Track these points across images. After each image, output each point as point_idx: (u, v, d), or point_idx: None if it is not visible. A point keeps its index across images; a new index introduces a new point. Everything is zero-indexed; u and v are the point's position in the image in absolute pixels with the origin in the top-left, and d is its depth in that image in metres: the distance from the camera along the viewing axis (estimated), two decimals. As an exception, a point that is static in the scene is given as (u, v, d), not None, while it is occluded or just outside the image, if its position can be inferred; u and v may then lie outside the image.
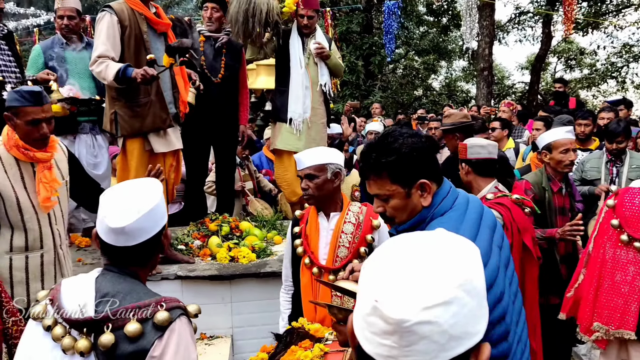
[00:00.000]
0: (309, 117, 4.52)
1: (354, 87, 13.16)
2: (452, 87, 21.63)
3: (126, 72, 3.28)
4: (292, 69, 4.50)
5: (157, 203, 1.57)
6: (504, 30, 19.10)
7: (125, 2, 3.49)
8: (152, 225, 1.56)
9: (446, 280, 0.79)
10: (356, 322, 0.84)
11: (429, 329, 0.76)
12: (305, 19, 4.39)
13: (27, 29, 11.60)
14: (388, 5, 10.60)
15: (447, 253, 0.84)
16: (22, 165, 2.63)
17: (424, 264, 0.81)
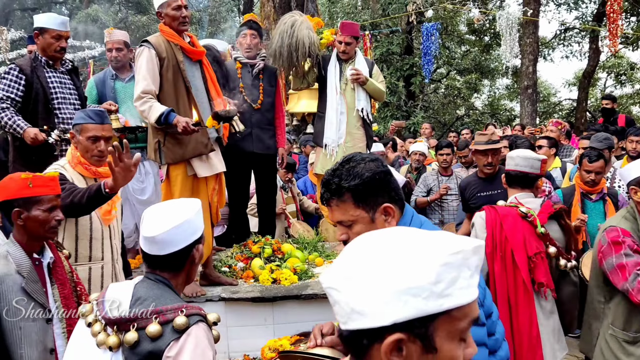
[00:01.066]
0: (345, 142, 4.54)
1: (395, 108, 13.19)
2: (495, 106, 21.32)
3: (168, 118, 3.45)
4: (328, 95, 4.57)
5: (188, 218, 1.72)
6: (549, 46, 18.76)
7: (162, 34, 3.68)
8: (181, 238, 1.72)
9: (359, 260, 0.89)
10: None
11: (335, 295, 0.90)
12: (343, 45, 4.45)
13: (82, 60, 12.24)
14: (426, 27, 10.64)
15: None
16: (87, 180, 2.88)
17: (364, 251, 0.90)
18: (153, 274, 1.76)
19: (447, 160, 5.53)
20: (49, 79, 3.84)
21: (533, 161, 2.99)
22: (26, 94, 3.76)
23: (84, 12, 20.50)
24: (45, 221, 2.23)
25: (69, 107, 3.85)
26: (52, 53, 3.84)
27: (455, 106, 19.66)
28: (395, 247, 0.89)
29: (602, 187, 4.19)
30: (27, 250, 2.23)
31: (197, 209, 1.78)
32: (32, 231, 2.23)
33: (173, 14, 3.64)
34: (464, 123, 18.58)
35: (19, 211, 2.20)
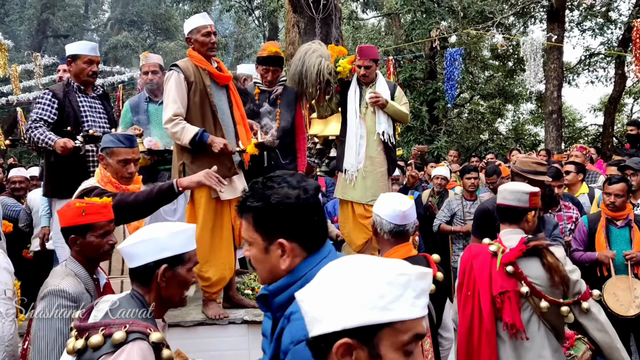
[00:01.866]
0: (365, 167, 4.51)
1: (419, 132, 13.20)
2: (519, 131, 21.15)
3: (203, 138, 3.54)
4: (348, 119, 4.57)
5: (155, 236, 1.82)
6: (574, 72, 18.64)
7: (190, 59, 3.79)
8: (143, 253, 1.82)
9: (325, 278, 1.06)
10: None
11: (304, 306, 1.07)
12: (362, 69, 4.46)
13: (112, 85, 12.60)
14: (450, 52, 10.70)
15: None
16: None
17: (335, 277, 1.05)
18: (132, 288, 1.88)
19: (474, 184, 5.48)
20: (80, 104, 3.98)
21: (520, 194, 2.82)
22: (58, 117, 3.90)
23: (114, 38, 21.15)
24: (99, 246, 2.37)
25: (99, 130, 3.96)
26: (85, 78, 3.99)
27: (479, 131, 19.57)
28: (354, 268, 1.05)
29: (628, 213, 4.10)
30: (87, 271, 2.39)
31: (173, 231, 1.85)
32: (88, 255, 2.37)
33: (202, 39, 3.75)
34: (487, 148, 18.45)
35: (75, 237, 2.34)
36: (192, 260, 1.91)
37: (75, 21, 23.59)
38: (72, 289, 2.22)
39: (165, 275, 1.83)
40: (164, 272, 1.82)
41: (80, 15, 24.69)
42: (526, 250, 2.66)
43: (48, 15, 22.28)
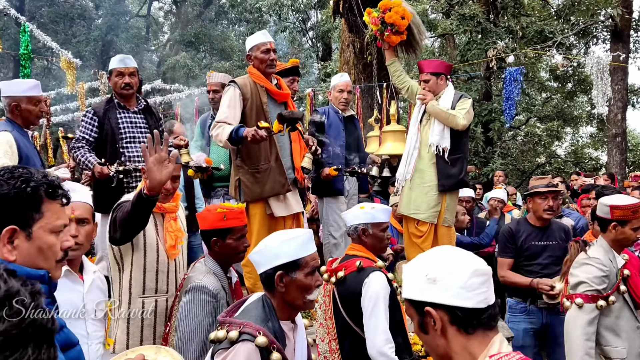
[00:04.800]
0: (412, 179, 4.40)
1: (473, 154, 12.91)
2: (579, 154, 20.36)
3: (238, 132, 3.53)
4: (410, 130, 4.58)
5: (266, 245, 1.98)
6: (639, 94, 17.86)
7: (249, 76, 3.83)
8: (262, 261, 1.97)
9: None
10: (450, 296, 1.30)
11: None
12: (422, 83, 4.45)
13: (169, 103, 13.03)
14: (510, 71, 10.45)
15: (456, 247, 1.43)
16: (155, 215, 2.91)
17: (463, 251, 1.39)
18: (264, 292, 2.05)
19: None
20: (120, 120, 4.00)
21: (602, 206, 3.12)
22: (99, 134, 3.96)
23: (173, 59, 21.93)
24: (236, 248, 2.62)
25: (138, 145, 3.95)
26: (119, 90, 4.02)
27: (535, 154, 18.98)
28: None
29: None
30: (222, 270, 2.63)
31: (285, 238, 1.98)
32: (226, 256, 2.62)
33: (262, 56, 3.80)
34: (544, 171, 17.84)
35: (216, 240, 2.58)
36: (310, 265, 1.99)
37: (137, 42, 24.68)
38: (212, 285, 2.47)
39: (283, 280, 1.94)
40: (280, 278, 1.94)
41: (141, 36, 25.82)
42: None
43: (112, 36, 23.41)
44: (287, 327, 2.00)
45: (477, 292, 1.29)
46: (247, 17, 21.47)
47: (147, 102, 4.22)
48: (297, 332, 2.06)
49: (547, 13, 14.77)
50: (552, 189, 3.91)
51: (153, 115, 4.20)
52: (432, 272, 1.32)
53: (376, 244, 2.96)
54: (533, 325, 3.90)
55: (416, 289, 1.35)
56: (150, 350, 1.81)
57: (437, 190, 4.33)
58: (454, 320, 1.30)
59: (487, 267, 1.33)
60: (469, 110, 4.36)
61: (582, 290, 2.99)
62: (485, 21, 12.31)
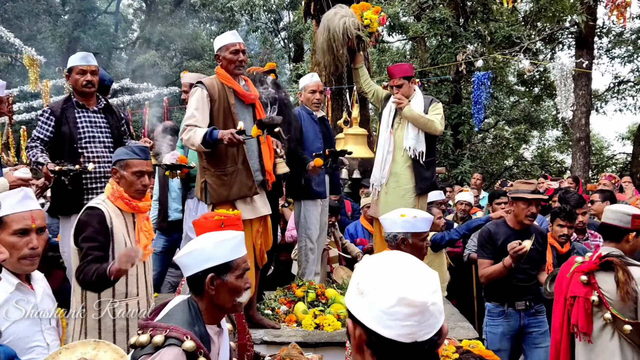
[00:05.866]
0: (388, 183, 4.42)
1: (443, 156, 13.07)
2: (545, 158, 20.83)
3: (212, 134, 3.48)
4: (380, 133, 4.57)
5: (197, 247, 1.91)
6: (602, 99, 18.36)
7: (217, 77, 3.77)
8: (192, 264, 1.91)
9: (432, 274, 1.16)
10: (371, 318, 1.10)
11: (435, 308, 1.10)
12: (395, 88, 4.46)
13: (138, 102, 12.80)
14: (478, 75, 10.61)
15: (419, 261, 1.20)
16: (125, 215, 2.90)
17: (416, 267, 1.17)
18: (190, 295, 1.98)
19: (505, 210, 5.18)
20: (78, 119, 3.86)
21: (622, 215, 3.01)
22: (55, 134, 3.81)
23: (142, 57, 21.57)
24: None
25: (98, 145, 3.86)
26: (81, 88, 3.87)
27: (503, 156, 19.33)
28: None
29: None
30: None
31: (218, 240, 1.92)
32: None
33: (230, 57, 3.74)
34: (512, 174, 18.19)
35: None
36: (241, 267, 1.95)
37: (104, 39, 24.18)
38: None
39: (213, 283, 1.90)
40: (211, 281, 1.89)
41: (110, 34, 25.30)
42: (604, 265, 2.89)
43: (79, 33, 22.88)
44: (213, 331, 1.97)
45: (401, 324, 1.07)
46: (218, 17, 21.29)
47: (107, 101, 4.08)
48: (222, 337, 2.03)
49: (515, 19, 15.05)
50: (538, 197, 3.93)
51: (114, 115, 4.06)
52: (363, 283, 1.14)
53: (415, 253, 2.85)
54: (511, 328, 3.96)
55: (348, 294, 1.18)
56: (89, 346, 1.77)
57: (414, 193, 4.39)
58: (369, 343, 1.12)
59: (422, 300, 1.08)
60: (443, 115, 4.48)
61: None
62: (455, 25, 12.48)
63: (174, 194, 5.22)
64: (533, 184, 4.06)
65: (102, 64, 21.46)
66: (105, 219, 2.78)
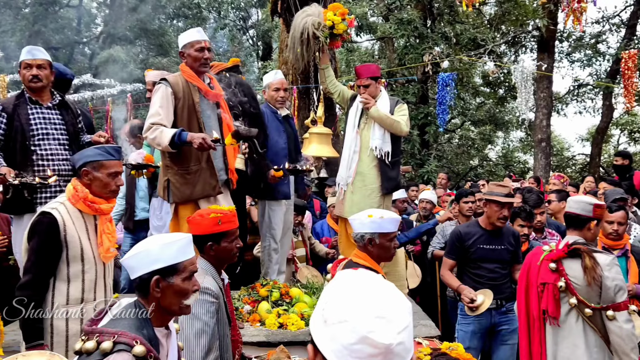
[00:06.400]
0: (354, 182, 4.45)
1: (409, 155, 13.21)
2: (509, 158, 21.30)
3: (181, 136, 3.42)
4: (346, 133, 4.58)
5: (143, 249, 1.87)
6: (563, 102, 18.88)
7: (181, 74, 3.72)
8: (137, 266, 1.87)
9: (403, 309, 1.08)
10: (331, 351, 1.05)
11: (401, 348, 1.04)
12: (362, 88, 4.49)
13: (101, 98, 12.51)
14: (442, 77, 10.76)
15: (392, 289, 1.11)
16: (86, 217, 2.82)
17: (387, 300, 1.07)
18: (136, 298, 1.93)
19: (472, 209, 5.25)
20: (31, 116, 3.67)
21: (585, 204, 3.20)
22: (7, 131, 3.64)
23: (106, 52, 21.11)
24: (231, 250, 2.64)
25: (52, 142, 3.71)
26: (27, 84, 3.69)
27: (469, 156, 19.68)
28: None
29: (625, 243, 4.07)
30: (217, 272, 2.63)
31: (165, 242, 1.88)
32: (220, 258, 2.63)
33: (195, 55, 3.69)
34: (477, 174, 18.53)
35: (211, 244, 2.58)
36: (189, 270, 1.93)
37: (67, 34, 23.54)
38: (214, 287, 2.48)
39: (158, 285, 1.87)
40: (156, 283, 1.86)
41: (72, 28, 24.65)
42: (571, 252, 3.09)
43: (40, 27, 22.22)
44: (161, 334, 1.94)
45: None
46: (185, 13, 21.01)
47: (62, 97, 3.91)
48: (170, 339, 2.00)
49: (480, 21, 15.34)
50: (512, 200, 4.00)
51: (69, 111, 3.87)
52: (328, 311, 1.08)
53: (382, 254, 2.92)
54: (481, 327, 4.04)
55: (314, 316, 1.13)
56: (44, 357, 1.73)
57: (379, 193, 4.44)
58: None
59: (387, 342, 1.02)
60: (408, 117, 4.55)
61: (625, 296, 3.01)
62: (422, 26, 12.63)
63: (141, 193, 5.16)
64: (507, 187, 4.12)
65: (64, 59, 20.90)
66: (58, 227, 2.70)
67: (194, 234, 2.55)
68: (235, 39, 19.91)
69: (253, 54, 20.75)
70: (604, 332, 3.05)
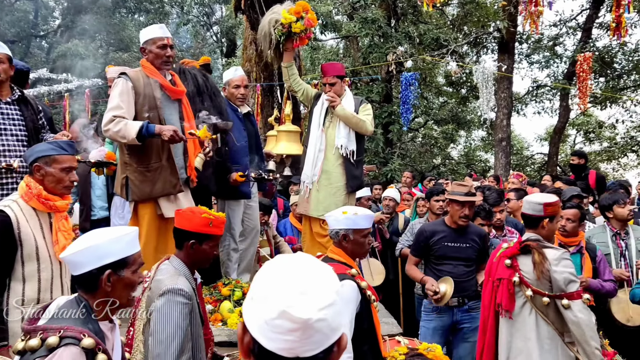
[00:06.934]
0: (320, 180, 4.47)
1: (373, 154, 13.31)
2: (470, 157, 21.73)
3: (149, 128, 3.34)
4: (311, 131, 4.59)
5: (92, 244, 1.85)
6: (522, 102, 19.36)
7: (142, 69, 3.63)
8: (86, 261, 1.85)
9: (328, 288, 1.09)
10: (256, 326, 1.07)
11: (322, 324, 1.05)
12: (327, 86, 4.50)
13: (59, 93, 12.13)
14: (405, 76, 10.87)
15: (320, 269, 1.13)
16: (40, 215, 2.75)
17: (311, 279, 1.09)
18: (78, 294, 1.91)
19: (442, 207, 5.22)
20: None
21: (534, 204, 3.30)
22: None
23: (64, 46, 20.50)
24: (209, 254, 2.63)
25: (10, 138, 3.60)
26: None
27: (432, 155, 19.97)
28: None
29: (580, 240, 4.20)
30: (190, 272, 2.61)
31: (114, 236, 1.88)
32: (198, 261, 2.62)
33: (157, 51, 3.61)
34: (440, 172, 18.82)
35: (193, 243, 2.56)
36: (137, 262, 1.97)
37: (23, 27, 22.74)
38: (187, 288, 2.45)
39: (110, 280, 1.88)
40: (108, 277, 1.87)
41: (29, 21, 23.82)
42: (523, 249, 3.25)
43: (-5, 19, 21.41)
44: (106, 327, 1.96)
45: (282, 338, 1.05)
46: (147, 7, 20.58)
47: (22, 92, 3.78)
48: (114, 332, 2.03)
49: (443, 22, 15.57)
50: (471, 199, 4.05)
51: (29, 106, 3.75)
52: (255, 289, 1.10)
53: (356, 249, 2.96)
54: (443, 324, 4.12)
55: (247, 297, 1.15)
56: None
57: (345, 191, 4.49)
58: (252, 351, 1.10)
59: (305, 316, 1.03)
60: (372, 116, 4.61)
61: (577, 287, 3.11)
62: (386, 26, 12.72)
63: (98, 192, 5.01)
64: (467, 186, 4.18)
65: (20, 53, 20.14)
66: (12, 226, 2.64)
67: (180, 227, 2.59)
68: (199, 35, 19.65)
69: (217, 51, 20.50)
70: (558, 325, 3.16)
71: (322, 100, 4.57)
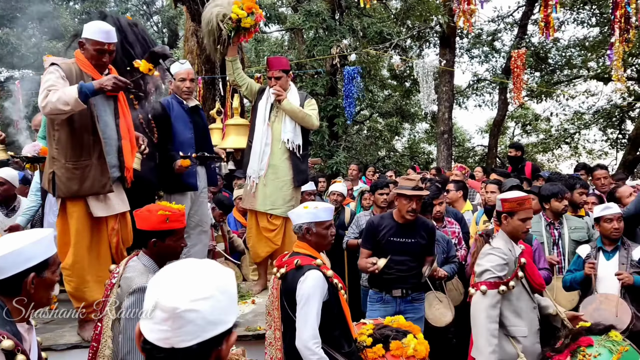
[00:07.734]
0: (267, 174, 4.45)
1: (319, 147, 13.32)
2: (414, 149, 22.16)
3: (87, 86, 3.11)
4: (256, 125, 4.54)
5: (14, 249, 1.85)
6: (464, 95, 19.90)
7: (76, 62, 3.43)
8: (9, 266, 1.85)
9: (207, 283, 1.16)
10: (142, 321, 1.18)
11: (193, 315, 1.12)
12: (273, 80, 4.46)
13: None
14: (348, 70, 10.93)
15: (206, 269, 1.20)
16: None
17: (192, 275, 1.18)
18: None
19: (386, 200, 5.23)
20: None
21: (497, 200, 3.46)
22: None
23: (-5, 34, 19.35)
24: (175, 248, 2.66)
25: None
26: None
27: (377, 148, 20.22)
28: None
29: None
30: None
31: (35, 239, 1.90)
32: (164, 256, 2.65)
33: (93, 54, 3.39)
34: (385, 164, 19.09)
35: (155, 241, 2.60)
36: (56, 262, 2.02)
37: (-53, 13, 21.31)
38: None
39: (33, 282, 1.90)
40: (32, 280, 1.89)
41: (-47, 6, 22.36)
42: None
43: None
44: (23, 329, 1.98)
45: (158, 328, 1.15)
46: (83, -5, 19.72)
47: None
48: (31, 333, 2.05)
49: (387, 15, 15.73)
50: (418, 194, 4.04)
51: None
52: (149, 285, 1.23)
53: (320, 241, 3.08)
54: (387, 313, 4.11)
55: None
56: None
57: (292, 185, 4.51)
58: (143, 347, 1.23)
59: (172, 305, 1.14)
60: (317, 111, 4.64)
61: (486, 277, 3.25)
62: (330, 19, 12.71)
63: (34, 188, 4.78)
64: (414, 180, 4.16)
65: (-58, 41, 18.86)
66: None
67: (140, 228, 2.62)
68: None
69: (158, 42, 19.92)
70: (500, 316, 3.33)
71: (267, 94, 4.53)
